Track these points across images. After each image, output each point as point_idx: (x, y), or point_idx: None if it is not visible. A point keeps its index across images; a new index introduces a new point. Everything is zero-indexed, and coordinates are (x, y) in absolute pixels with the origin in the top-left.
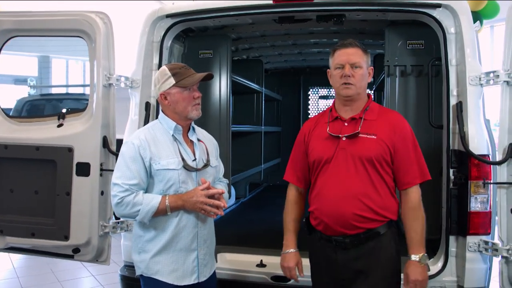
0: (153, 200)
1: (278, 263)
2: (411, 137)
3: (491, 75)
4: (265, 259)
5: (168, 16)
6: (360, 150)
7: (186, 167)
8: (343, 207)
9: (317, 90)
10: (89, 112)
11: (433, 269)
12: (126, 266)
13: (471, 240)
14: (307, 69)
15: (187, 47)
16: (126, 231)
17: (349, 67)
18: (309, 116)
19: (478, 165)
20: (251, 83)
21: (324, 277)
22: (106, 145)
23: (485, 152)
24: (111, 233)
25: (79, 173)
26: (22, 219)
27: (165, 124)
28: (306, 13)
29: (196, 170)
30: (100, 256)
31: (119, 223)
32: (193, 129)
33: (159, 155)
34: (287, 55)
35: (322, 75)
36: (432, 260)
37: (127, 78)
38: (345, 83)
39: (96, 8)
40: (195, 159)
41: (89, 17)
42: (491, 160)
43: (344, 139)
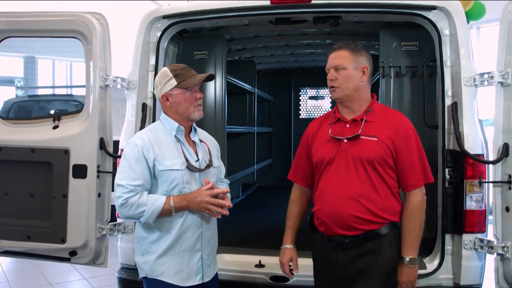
0: (157, 201)
1: (277, 263)
2: (414, 139)
3: (486, 76)
4: (264, 259)
5: (165, 17)
6: (360, 152)
7: (190, 167)
8: (342, 208)
9: (306, 91)
10: (85, 113)
11: (430, 267)
12: (123, 268)
13: (467, 238)
14: (298, 70)
15: (182, 48)
16: (124, 233)
17: (332, 70)
18: (300, 117)
19: (473, 165)
20: (244, 84)
21: (325, 277)
22: (103, 147)
23: (480, 152)
24: (108, 235)
25: (75, 175)
26: (17, 222)
27: (167, 124)
28: (303, 15)
29: (200, 170)
30: (98, 259)
31: (116, 225)
32: (195, 130)
33: (162, 156)
34: (279, 56)
35: (313, 76)
36: (428, 258)
37: (123, 79)
38: (331, 87)
39: (92, 8)
40: (198, 160)
41: (85, 18)
42: (485, 159)
43: (345, 141)
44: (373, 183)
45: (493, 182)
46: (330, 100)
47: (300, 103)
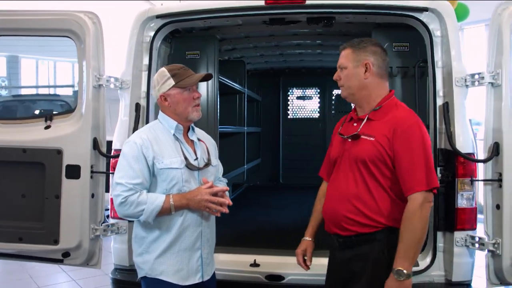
0: (157, 199)
1: (272, 262)
2: (416, 139)
3: (476, 76)
4: (258, 258)
5: (159, 17)
6: (357, 152)
7: (189, 166)
8: (336, 208)
9: (294, 91)
10: (78, 113)
11: (422, 264)
12: (117, 269)
13: (459, 235)
14: (286, 70)
15: (174, 48)
16: (117, 233)
17: (338, 70)
18: (289, 117)
19: (464, 163)
20: (235, 84)
21: (329, 275)
22: (97, 147)
23: (471, 151)
24: (102, 236)
25: (69, 176)
26: (9, 223)
27: (165, 123)
28: (297, 15)
29: (198, 169)
30: (91, 260)
31: (110, 225)
32: (193, 129)
33: (162, 154)
34: (268, 56)
35: (301, 76)
36: (420, 255)
37: (116, 79)
38: (340, 86)
39: (85, 8)
40: (196, 158)
41: (78, 17)
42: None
43: (349, 140)
44: (367, 184)
45: (484, 180)
46: (319, 100)
47: (289, 103)
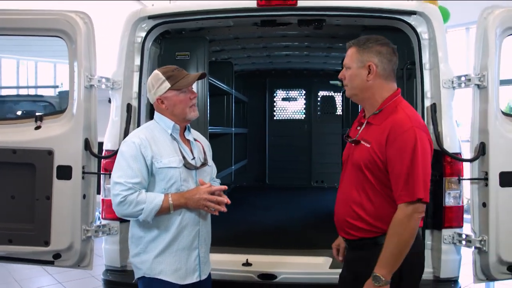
0: (156, 199)
1: (264, 261)
2: (406, 148)
3: (463, 78)
4: (250, 258)
5: (151, 18)
6: (356, 158)
7: (187, 165)
8: (340, 212)
9: (280, 92)
10: (69, 114)
11: None
12: (108, 270)
13: (446, 233)
14: (272, 72)
15: (164, 48)
16: (108, 234)
17: (344, 69)
18: (275, 118)
19: (451, 163)
20: (223, 85)
21: (342, 272)
22: (88, 148)
23: (458, 151)
24: (93, 237)
25: (60, 177)
26: None
27: (162, 124)
28: (288, 17)
29: (196, 168)
30: (83, 261)
31: (101, 226)
32: (189, 129)
33: (160, 154)
34: (255, 57)
35: (287, 78)
36: None
37: (108, 80)
38: (344, 86)
39: (75, 7)
40: (193, 158)
41: (70, 17)
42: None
43: (353, 144)
44: (366, 190)
45: (470, 179)
46: (305, 101)
47: (275, 104)
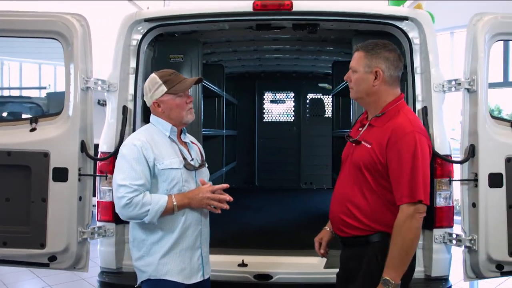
0: (161, 200)
1: (259, 262)
2: (407, 151)
3: (453, 82)
4: (246, 258)
5: (147, 20)
6: (356, 157)
7: (187, 166)
8: (335, 209)
9: (268, 94)
10: (65, 116)
11: None
12: (104, 272)
13: (437, 232)
14: (262, 74)
15: (157, 51)
16: (104, 236)
17: (350, 72)
18: (264, 120)
19: (442, 164)
20: (215, 88)
21: (338, 270)
22: (84, 150)
23: (448, 152)
24: (89, 239)
25: (56, 179)
26: None
27: (160, 126)
28: (283, 21)
29: (195, 169)
30: (78, 263)
31: (97, 228)
32: (184, 131)
33: (161, 155)
34: (246, 60)
35: (276, 80)
36: None
37: (104, 82)
38: (350, 88)
39: (70, 9)
40: (192, 159)
41: (66, 19)
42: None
43: (353, 144)
44: (362, 190)
45: (461, 180)
46: (294, 104)
47: (264, 106)
